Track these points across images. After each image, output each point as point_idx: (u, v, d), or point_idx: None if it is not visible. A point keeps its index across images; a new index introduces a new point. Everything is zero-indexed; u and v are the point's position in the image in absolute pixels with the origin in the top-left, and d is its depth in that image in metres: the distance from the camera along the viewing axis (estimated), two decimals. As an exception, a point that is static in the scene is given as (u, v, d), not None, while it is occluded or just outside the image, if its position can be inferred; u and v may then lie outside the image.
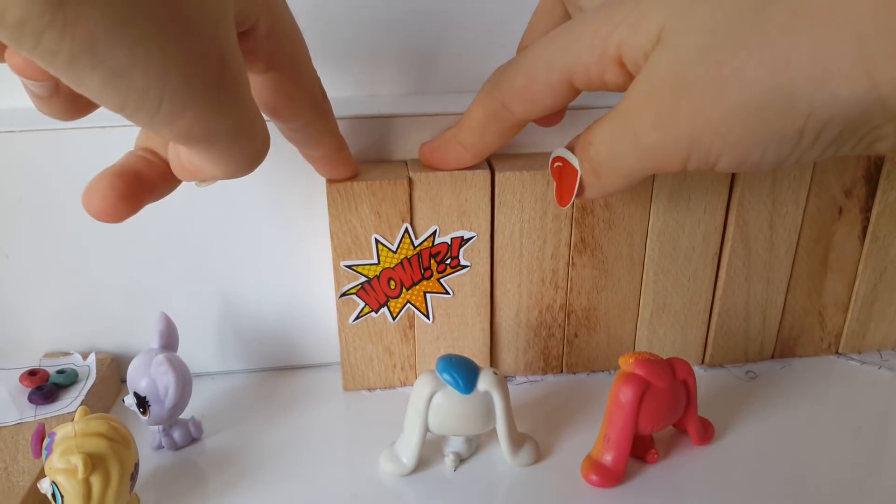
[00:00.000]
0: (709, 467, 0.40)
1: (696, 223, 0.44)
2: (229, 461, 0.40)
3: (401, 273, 0.41)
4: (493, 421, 0.38)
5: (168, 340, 0.41)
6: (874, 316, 0.49)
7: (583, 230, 0.44)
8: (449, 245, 0.40)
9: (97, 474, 0.32)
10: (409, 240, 0.40)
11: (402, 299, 0.42)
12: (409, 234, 0.40)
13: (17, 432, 0.39)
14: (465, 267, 0.41)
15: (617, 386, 0.38)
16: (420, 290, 0.42)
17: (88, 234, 0.43)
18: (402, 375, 0.46)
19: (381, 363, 0.45)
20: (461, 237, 0.40)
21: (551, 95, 0.33)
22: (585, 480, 0.38)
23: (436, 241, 0.40)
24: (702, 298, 0.47)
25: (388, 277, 0.41)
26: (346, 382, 0.46)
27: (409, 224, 0.40)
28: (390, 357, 0.45)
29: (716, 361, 0.49)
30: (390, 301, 0.42)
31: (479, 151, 0.39)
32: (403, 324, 0.44)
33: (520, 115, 0.35)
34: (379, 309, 0.43)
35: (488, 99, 0.36)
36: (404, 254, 0.41)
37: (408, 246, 0.40)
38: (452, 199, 0.41)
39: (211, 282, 0.45)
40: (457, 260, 0.40)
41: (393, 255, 0.41)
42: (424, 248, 0.40)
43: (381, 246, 0.40)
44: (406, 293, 0.42)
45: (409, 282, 0.42)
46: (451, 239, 0.40)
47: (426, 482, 0.39)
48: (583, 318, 0.46)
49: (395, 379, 0.46)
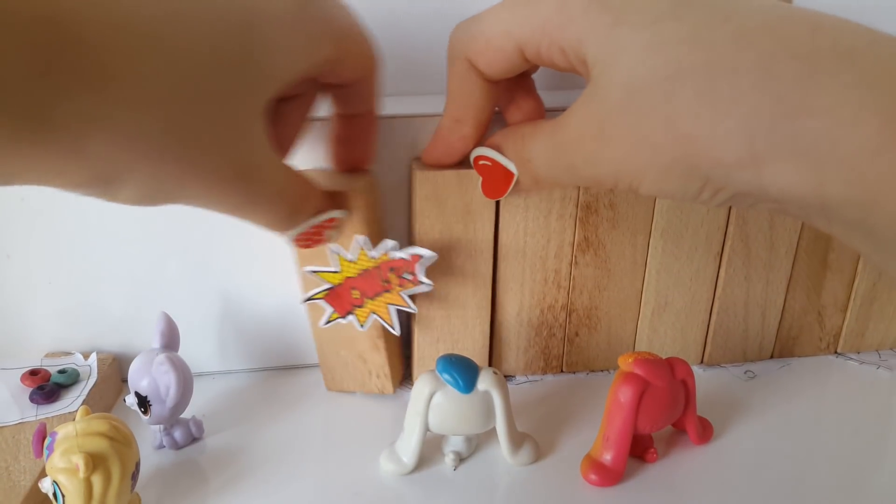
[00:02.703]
0: (708, 467, 0.40)
1: (699, 223, 0.44)
2: (230, 460, 0.40)
3: (362, 283, 0.40)
4: (492, 420, 0.38)
5: (169, 340, 0.41)
6: (873, 316, 0.49)
7: (587, 229, 0.44)
8: (407, 261, 0.39)
9: (98, 474, 0.32)
10: (366, 252, 0.39)
11: (367, 309, 0.41)
12: (364, 247, 0.39)
13: (19, 432, 0.40)
14: (424, 285, 0.39)
15: (616, 385, 0.38)
16: (384, 301, 0.40)
17: (89, 234, 0.43)
18: (379, 383, 0.45)
19: (356, 369, 0.45)
20: (419, 255, 0.39)
21: (507, 61, 0.34)
22: (585, 479, 0.38)
23: (393, 255, 0.39)
24: (703, 298, 0.47)
25: (351, 287, 0.40)
26: (328, 382, 0.46)
27: (363, 236, 0.38)
28: (364, 364, 0.44)
29: (715, 361, 0.49)
30: (356, 310, 0.41)
31: (476, 121, 0.38)
32: (373, 333, 0.43)
33: (486, 73, 0.35)
34: (346, 315, 0.41)
35: (456, 61, 0.36)
36: (363, 265, 0.39)
37: (365, 257, 0.39)
38: (458, 199, 0.41)
39: (212, 282, 0.46)
40: (416, 277, 0.39)
41: (352, 265, 0.39)
42: (383, 260, 0.39)
43: (340, 256, 0.39)
44: (370, 303, 0.40)
45: (372, 292, 0.40)
46: (410, 255, 0.39)
47: (426, 481, 0.39)
48: (584, 318, 0.46)
49: (372, 385, 0.45)
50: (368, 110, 0.38)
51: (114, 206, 0.43)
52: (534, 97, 0.39)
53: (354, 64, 0.35)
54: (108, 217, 0.43)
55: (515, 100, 0.39)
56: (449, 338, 0.45)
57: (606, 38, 0.29)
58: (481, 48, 0.34)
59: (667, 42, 0.27)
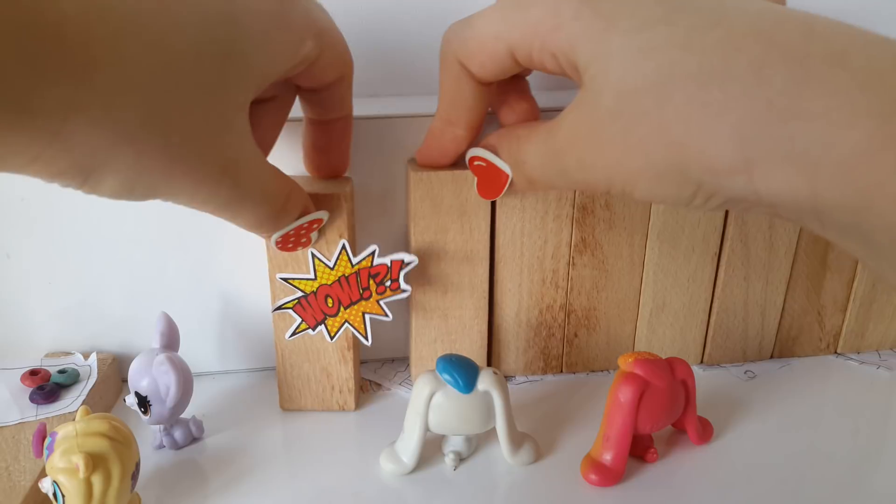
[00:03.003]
0: (708, 467, 0.40)
1: (696, 223, 0.45)
2: (230, 460, 0.40)
3: (338, 291, 0.39)
4: (492, 420, 0.38)
5: (169, 340, 0.41)
6: (873, 316, 0.49)
7: (583, 230, 0.44)
8: (388, 267, 0.39)
9: (98, 474, 0.32)
10: (347, 257, 0.39)
11: (340, 318, 0.40)
12: (347, 252, 0.38)
13: (19, 432, 0.40)
14: (405, 291, 0.39)
15: (616, 385, 0.38)
16: (359, 309, 0.40)
17: (90, 234, 0.44)
18: (341, 399, 0.44)
19: (318, 383, 0.44)
20: (401, 260, 0.38)
21: (498, 64, 0.34)
22: (585, 480, 0.38)
23: (375, 261, 0.39)
24: (701, 298, 0.47)
25: (326, 294, 0.40)
26: (282, 401, 0.44)
27: (346, 241, 0.38)
28: (328, 378, 0.43)
29: (715, 361, 0.49)
30: (328, 319, 0.40)
31: (468, 122, 0.38)
32: (342, 344, 0.42)
33: (478, 75, 0.35)
34: (316, 327, 0.41)
35: (448, 63, 0.36)
36: (342, 271, 0.39)
37: (345, 264, 0.39)
38: (453, 200, 0.41)
39: (212, 282, 0.46)
40: (397, 283, 0.39)
41: (330, 271, 0.39)
42: (363, 267, 0.39)
43: (318, 262, 0.39)
44: (344, 312, 0.40)
45: (348, 301, 0.40)
46: (390, 261, 0.38)
47: (426, 481, 0.39)
48: (582, 318, 0.46)
49: (332, 402, 0.44)
50: (343, 115, 0.39)
51: (114, 207, 0.43)
52: (528, 99, 0.39)
53: (332, 63, 0.35)
54: (108, 217, 0.43)
55: (509, 101, 0.38)
56: (446, 339, 0.45)
57: (598, 42, 0.29)
58: (473, 51, 0.34)
59: (658, 47, 0.27)
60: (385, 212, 0.45)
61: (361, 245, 0.40)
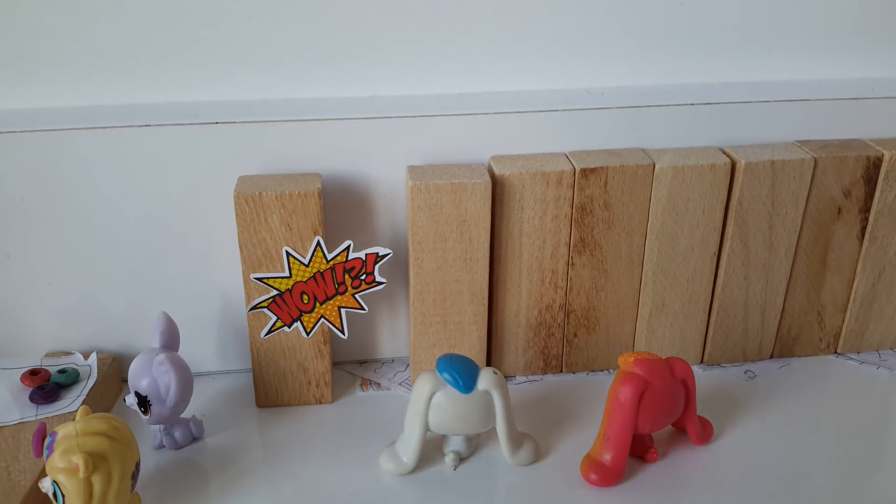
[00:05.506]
0: (708, 466, 0.40)
1: (694, 224, 0.45)
2: (230, 460, 0.40)
3: (314, 287, 0.40)
4: (492, 420, 0.38)
5: (169, 340, 0.41)
6: (873, 316, 0.49)
7: (582, 230, 0.44)
8: (363, 261, 0.39)
9: (98, 473, 0.32)
10: (322, 253, 0.39)
11: (316, 314, 0.41)
12: (322, 248, 0.39)
13: (19, 432, 0.39)
14: (380, 284, 0.40)
15: (616, 385, 0.38)
16: (334, 304, 0.40)
17: (89, 235, 0.44)
18: (318, 392, 0.44)
19: (294, 379, 0.44)
20: (376, 253, 0.39)
21: None
22: (585, 479, 0.38)
23: (350, 256, 0.39)
24: (700, 298, 0.47)
25: (301, 291, 0.40)
26: (258, 399, 0.44)
27: (320, 237, 0.38)
28: (304, 374, 0.44)
29: (714, 361, 0.49)
30: (304, 316, 0.41)
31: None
32: (318, 339, 0.43)
33: None
34: (292, 324, 0.41)
35: None
36: (317, 268, 0.39)
37: (320, 260, 0.39)
38: (452, 209, 0.41)
39: (212, 282, 0.46)
40: (372, 276, 0.39)
41: (305, 268, 0.39)
42: (338, 262, 0.39)
43: (293, 259, 0.39)
44: (320, 308, 0.40)
45: (323, 296, 0.40)
46: (365, 255, 0.39)
47: (426, 481, 0.39)
48: (582, 318, 0.46)
49: (309, 396, 0.44)
50: None
51: (114, 206, 0.43)
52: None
53: None
54: (107, 217, 0.43)
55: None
56: (445, 343, 0.45)
57: None
58: None
59: None
60: (384, 212, 0.45)
61: (361, 245, 0.40)
